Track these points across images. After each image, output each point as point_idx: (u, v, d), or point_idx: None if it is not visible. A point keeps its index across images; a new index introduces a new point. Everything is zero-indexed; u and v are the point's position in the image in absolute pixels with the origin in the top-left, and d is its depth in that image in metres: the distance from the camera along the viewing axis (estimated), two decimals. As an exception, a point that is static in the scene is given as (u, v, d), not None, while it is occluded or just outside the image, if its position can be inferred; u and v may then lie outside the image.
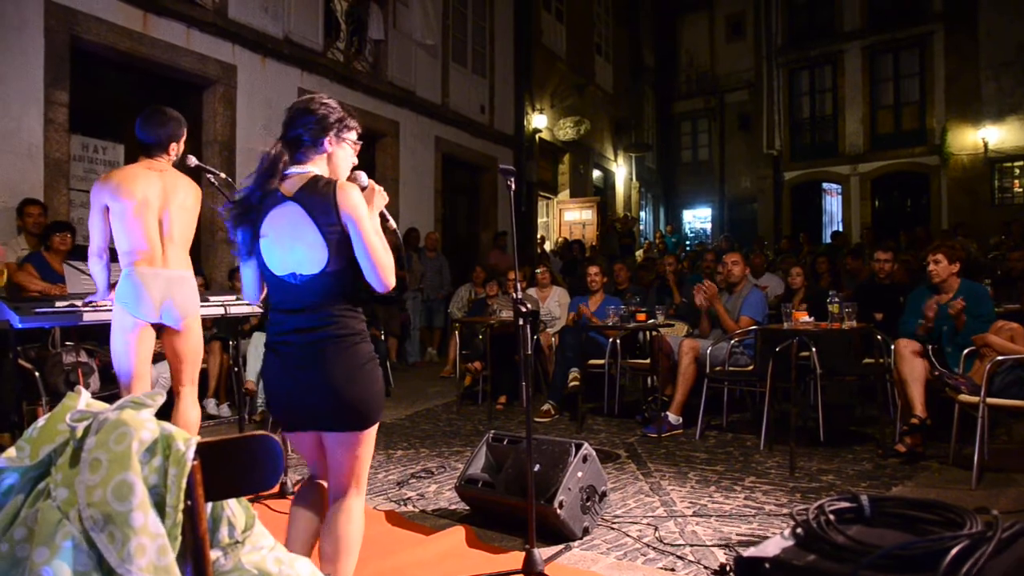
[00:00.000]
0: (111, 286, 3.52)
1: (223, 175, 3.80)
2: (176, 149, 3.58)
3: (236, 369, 5.84)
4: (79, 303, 3.69)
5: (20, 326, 3.54)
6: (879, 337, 5.27)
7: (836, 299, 4.65)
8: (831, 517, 1.35)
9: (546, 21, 14.85)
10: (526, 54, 13.78)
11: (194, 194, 3.62)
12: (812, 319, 4.84)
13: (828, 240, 16.69)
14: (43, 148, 6.14)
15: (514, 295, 2.92)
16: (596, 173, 17.86)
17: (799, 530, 1.36)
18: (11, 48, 5.89)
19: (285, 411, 2.21)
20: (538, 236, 14.73)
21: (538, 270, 8.32)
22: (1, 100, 5.82)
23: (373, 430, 2.23)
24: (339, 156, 2.29)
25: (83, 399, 1.32)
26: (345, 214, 2.10)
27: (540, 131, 14.21)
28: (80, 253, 5.89)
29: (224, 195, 3.93)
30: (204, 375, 5.92)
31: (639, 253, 15.43)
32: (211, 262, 7.69)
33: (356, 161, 2.37)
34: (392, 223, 2.35)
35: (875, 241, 12.35)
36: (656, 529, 3.48)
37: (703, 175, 21.77)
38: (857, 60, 18.04)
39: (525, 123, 13.81)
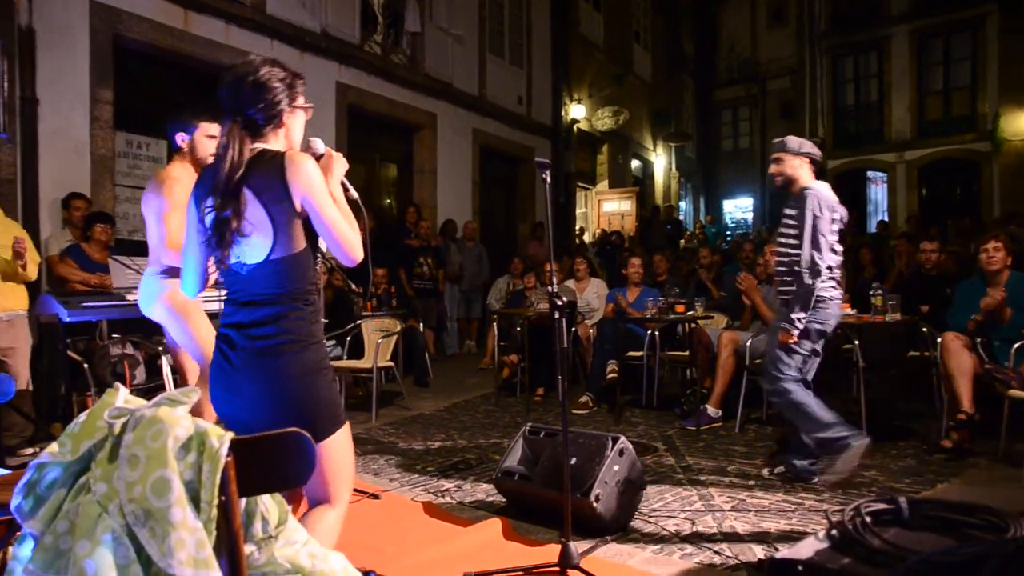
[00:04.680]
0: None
1: None
2: (181, 138, 3.40)
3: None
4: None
5: (68, 319, 3.63)
6: (924, 330, 5.15)
7: (880, 291, 4.55)
8: (868, 519, 1.32)
9: (584, 10, 14.74)
10: (564, 44, 13.70)
11: (154, 193, 3.33)
12: (855, 311, 4.75)
13: (873, 230, 16.36)
14: (89, 145, 6.27)
15: (550, 288, 2.91)
16: (635, 163, 17.71)
17: (834, 532, 1.33)
18: (59, 48, 6.02)
19: (226, 417, 2.00)
20: (576, 227, 14.67)
21: (576, 262, 8.29)
22: (50, 99, 5.96)
23: (331, 444, 1.98)
24: (294, 127, 2.07)
25: (121, 396, 1.35)
26: (297, 190, 1.89)
27: (578, 122, 14.12)
28: (123, 246, 6.06)
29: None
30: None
31: (682, 242, 15.23)
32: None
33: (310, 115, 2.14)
34: (353, 192, 2.12)
35: (921, 230, 12.05)
36: (693, 523, 3.45)
37: (744, 164, 21.44)
38: (905, 44, 17.57)
39: (563, 114, 13.74)
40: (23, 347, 5.01)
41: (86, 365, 5.02)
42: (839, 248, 3.96)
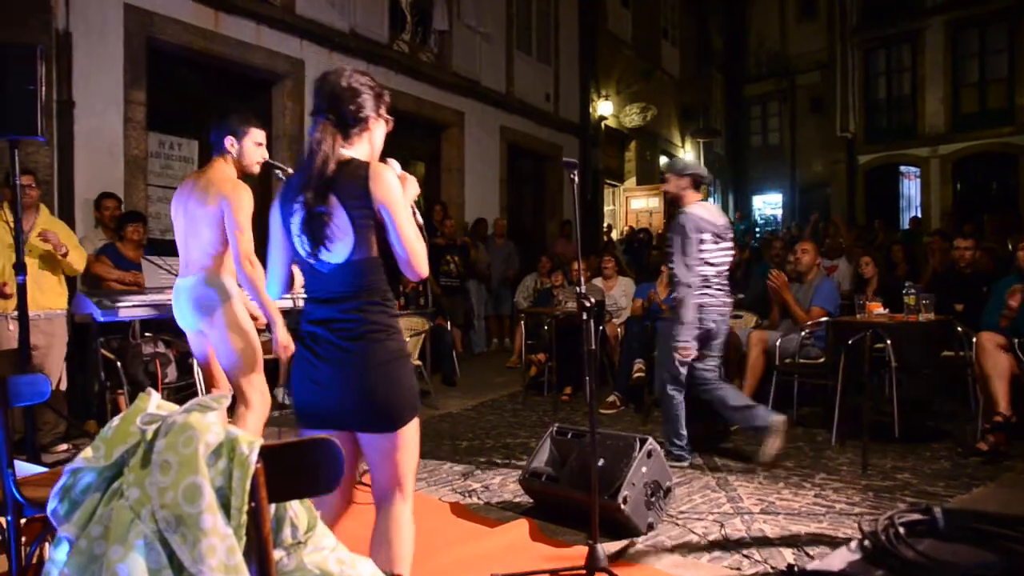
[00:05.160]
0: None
1: (291, 171, 3.81)
2: (231, 142, 3.41)
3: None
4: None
5: (102, 319, 3.69)
6: (959, 329, 5.06)
7: (912, 290, 4.48)
8: (901, 530, 1.30)
9: (611, 6, 14.64)
10: (591, 40, 13.63)
11: (210, 195, 3.30)
12: (887, 311, 4.67)
13: (905, 226, 16.10)
14: (123, 146, 6.37)
15: (578, 289, 2.90)
16: (663, 159, 17.59)
17: (866, 542, 1.31)
18: (94, 51, 6.12)
19: (309, 408, 2.09)
20: (604, 224, 14.62)
21: (604, 260, 8.26)
22: (85, 100, 6.06)
23: (408, 431, 2.08)
24: (377, 134, 2.22)
25: (153, 400, 1.37)
26: (379, 199, 2.00)
27: (606, 118, 14.05)
28: (155, 245, 6.15)
29: (282, 181, 4.01)
30: (275, 365, 6.08)
31: None
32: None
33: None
34: (419, 218, 2.18)
35: (954, 226, 11.82)
36: (722, 526, 3.43)
37: (773, 160, 21.19)
38: (939, 36, 17.23)
39: (591, 110, 13.68)
40: (59, 345, 5.10)
41: (119, 363, 5.10)
42: (718, 260, 4.44)
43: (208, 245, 3.30)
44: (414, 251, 2.04)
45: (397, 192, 2.03)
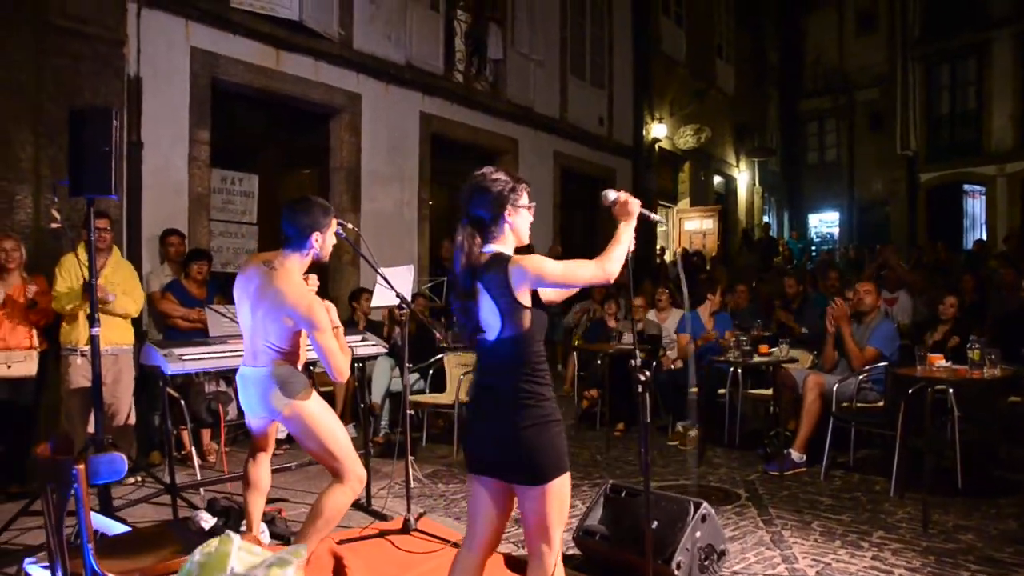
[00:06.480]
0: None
1: (351, 226, 3.88)
2: (319, 239, 3.26)
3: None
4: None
5: (169, 373, 3.82)
6: (1027, 378, 4.91)
7: (977, 345, 4.35)
8: None
9: (665, 27, 14.57)
10: (645, 62, 13.60)
11: (284, 310, 3.15)
12: (949, 363, 4.56)
13: (969, 246, 15.63)
14: (187, 183, 6.59)
15: (633, 327, 2.90)
16: (717, 179, 17.43)
17: None
18: (163, 94, 6.36)
19: (471, 455, 2.47)
20: (657, 247, 14.53)
21: (658, 292, 8.21)
22: (153, 141, 6.29)
23: (554, 487, 2.34)
24: (519, 223, 2.47)
25: (235, 545, 1.43)
26: (520, 286, 2.30)
27: (659, 140, 13.99)
28: (216, 278, 6.33)
29: (349, 243, 4.10)
30: (331, 397, 6.21)
31: (777, 259, 14.78)
32: (338, 284, 8.02)
33: (532, 219, 2.54)
34: (654, 216, 2.64)
35: (1019, 248, 11.40)
36: (777, 591, 3.39)
37: (830, 178, 20.75)
38: (1007, 49, 16.70)
39: (644, 133, 13.64)
40: (127, 381, 5.30)
41: (182, 401, 5.28)
42: None
43: (276, 345, 3.22)
44: (580, 281, 2.49)
45: (532, 270, 2.30)
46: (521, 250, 2.51)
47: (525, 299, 2.32)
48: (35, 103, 5.60)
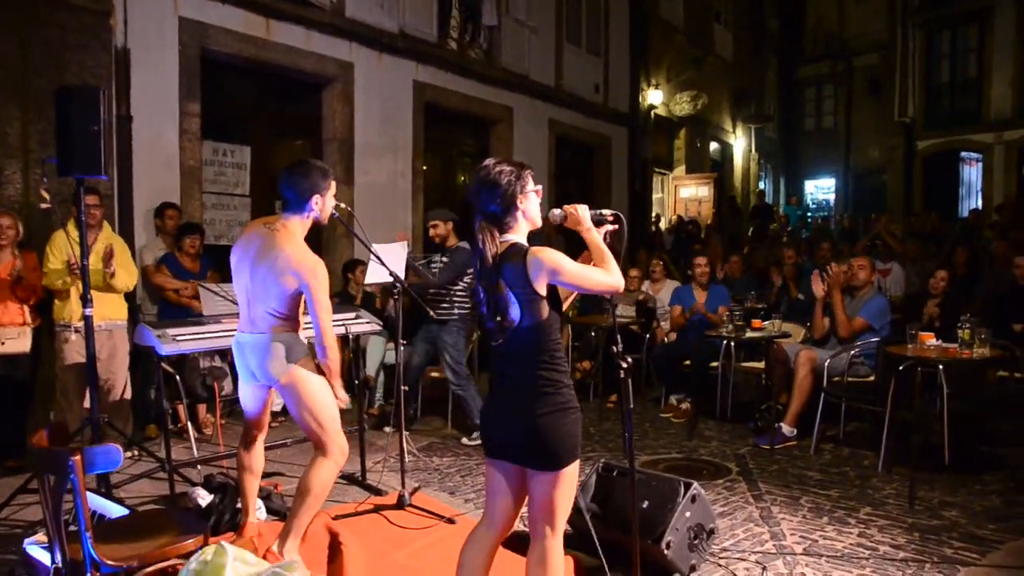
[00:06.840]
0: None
1: (343, 205, 3.82)
2: (319, 202, 3.27)
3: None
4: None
5: (164, 354, 3.83)
6: (1018, 355, 4.94)
7: (967, 324, 4.37)
8: None
9: (663, -9, 14.39)
10: (643, 29, 13.42)
11: (287, 271, 3.15)
12: (939, 342, 4.59)
13: (964, 214, 15.63)
14: (179, 156, 6.53)
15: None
16: (713, 146, 17.32)
17: None
18: (151, 66, 6.26)
19: (489, 440, 2.56)
20: (652, 214, 14.50)
21: (652, 263, 8.21)
22: (143, 114, 6.21)
23: (567, 473, 2.41)
24: (531, 209, 2.52)
25: (230, 555, 1.45)
26: (539, 278, 2.35)
27: (656, 107, 13.88)
28: (209, 251, 6.31)
29: (342, 223, 4.08)
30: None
31: (773, 227, 14.73)
32: (332, 255, 8.00)
33: (540, 198, 2.57)
34: (607, 213, 2.62)
35: (1017, 219, 11.37)
36: (764, 569, 3.46)
37: (827, 144, 20.66)
38: (1010, 16, 16.52)
39: (640, 100, 13.52)
40: (122, 356, 5.31)
41: (178, 377, 5.29)
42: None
43: (276, 310, 3.21)
44: (598, 285, 2.47)
45: (548, 264, 2.34)
46: (533, 232, 2.56)
47: (542, 289, 2.37)
48: (20, 76, 5.51)
